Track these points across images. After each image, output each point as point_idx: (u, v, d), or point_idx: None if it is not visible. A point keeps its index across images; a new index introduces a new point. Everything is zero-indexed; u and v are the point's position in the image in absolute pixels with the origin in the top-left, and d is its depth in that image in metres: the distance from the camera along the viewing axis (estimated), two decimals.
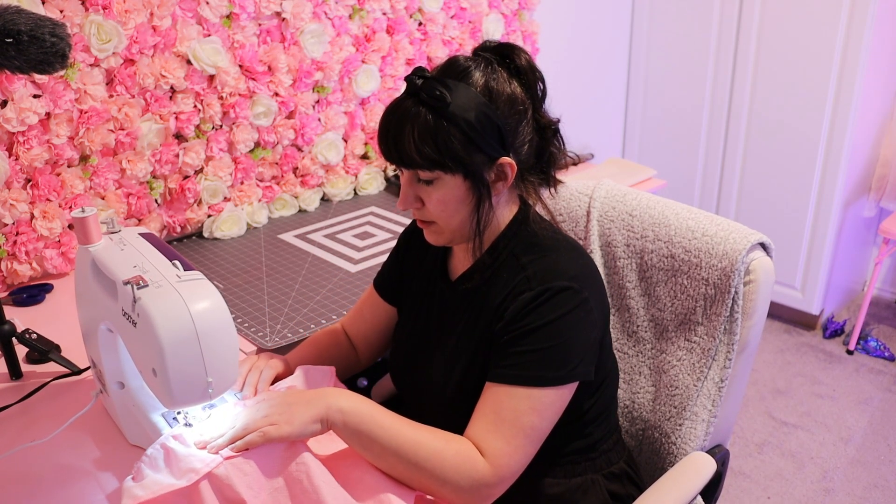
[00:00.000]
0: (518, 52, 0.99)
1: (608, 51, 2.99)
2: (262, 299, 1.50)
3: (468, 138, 0.93)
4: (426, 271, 1.16)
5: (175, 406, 0.89)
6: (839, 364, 2.70)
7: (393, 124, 0.95)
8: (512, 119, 0.97)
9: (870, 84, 2.53)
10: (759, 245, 1.13)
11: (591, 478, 1.09)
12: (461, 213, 0.99)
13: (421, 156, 0.94)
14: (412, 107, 0.93)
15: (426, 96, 0.92)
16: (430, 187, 0.97)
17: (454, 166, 0.94)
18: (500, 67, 0.98)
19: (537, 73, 1.01)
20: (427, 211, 1.00)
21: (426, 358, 1.10)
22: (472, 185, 0.97)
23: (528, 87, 0.99)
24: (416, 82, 0.94)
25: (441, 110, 0.92)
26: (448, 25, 2.18)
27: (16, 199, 1.48)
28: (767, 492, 2.13)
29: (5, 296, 1.51)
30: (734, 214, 2.95)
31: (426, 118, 0.92)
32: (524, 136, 1.00)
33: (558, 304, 0.95)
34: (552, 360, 0.94)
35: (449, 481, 0.91)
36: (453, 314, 1.08)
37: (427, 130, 0.92)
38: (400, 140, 0.94)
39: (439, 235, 1.04)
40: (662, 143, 3.11)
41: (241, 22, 1.74)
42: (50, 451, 1.05)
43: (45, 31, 1.01)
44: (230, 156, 1.82)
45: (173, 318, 0.84)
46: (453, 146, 0.93)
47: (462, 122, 0.92)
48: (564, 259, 1.00)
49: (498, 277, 1.02)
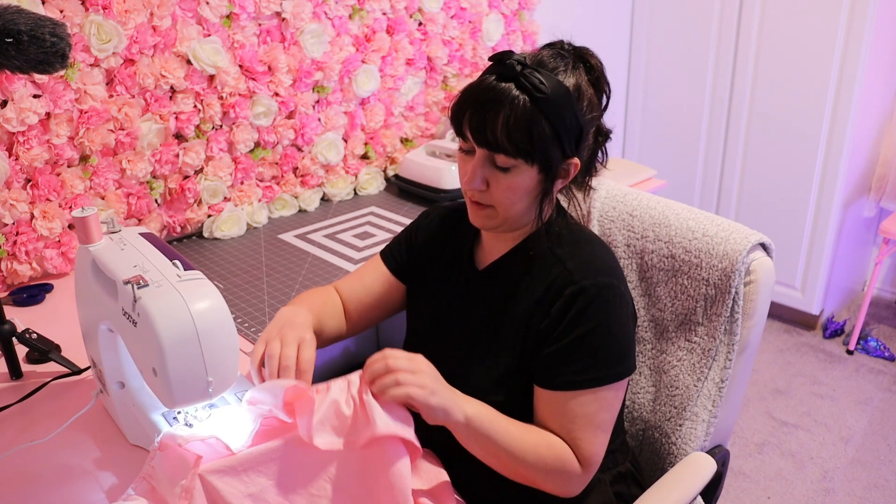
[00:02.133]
0: (595, 58, 1.02)
1: (608, 51, 2.98)
2: (262, 299, 1.50)
3: (556, 133, 0.95)
4: (448, 259, 1.15)
5: (175, 406, 0.89)
6: (839, 364, 2.70)
7: (488, 104, 0.94)
8: (588, 122, 0.99)
9: (870, 84, 2.53)
10: (759, 245, 1.13)
11: (598, 477, 1.09)
12: (523, 203, 1.00)
13: (510, 141, 0.94)
14: (511, 90, 0.93)
15: (528, 84, 0.92)
16: (503, 173, 0.97)
17: (537, 157, 0.95)
18: (583, 70, 0.99)
19: (607, 82, 1.03)
20: (490, 194, 1.00)
21: (448, 346, 1.10)
22: (543, 178, 0.98)
23: (600, 94, 1.02)
24: (517, 67, 0.93)
25: (540, 101, 0.92)
26: (448, 25, 2.18)
27: (16, 199, 1.48)
28: (767, 492, 2.13)
29: (5, 296, 1.50)
30: (734, 214, 2.95)
31: (525, 106, 0.92)
32: (590, 141, 1.02)
33: (606, 304, 0.98)
34: (611, 359, 0.98)
35: (550, 479, 0.98)
36: (480, 303, 1.08)
37: (524, 118, 0.93)
38: (493, 122, 0.94)
39: (492, 220, 1.03)
40: (662, 143, 3.11)
41: (241, 22, 1.74)
42: (50, 451, 1.04)
43: (45, 31, 1.01)
44: (230, 156, 1.82)
45: (173, 317, 0.84)
46: (543, 138, 0.94)
47: (556, 116, 0.94)
48: (599, 253, 1.03)
49: (532, 269, 1.03)
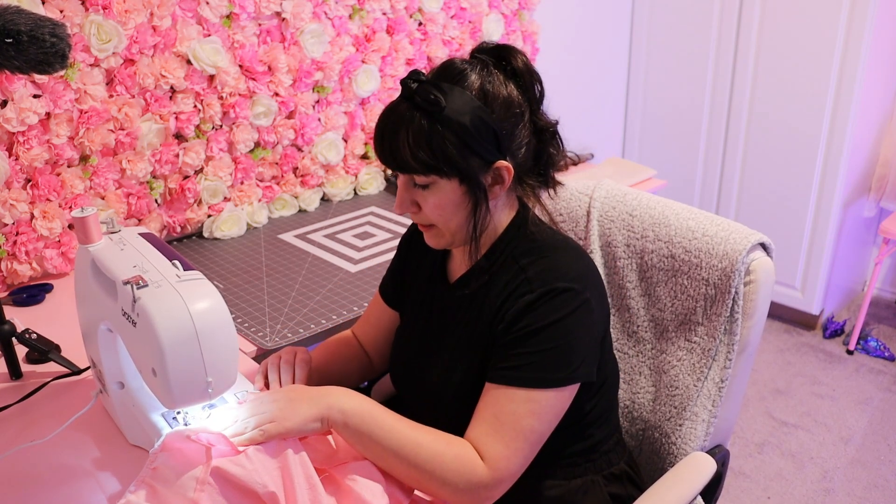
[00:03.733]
0: (515, 54, 0.98)
1: (608, 51, 2.99)
2: (262, 299, 1.50)
3: (463, 142, 0.92)
4: (426, 274, 1.16)
5: (175, 406, 0.89)
6: (839, 364, 2.70)
7: (388, 129, 0.95)
8: (508, 122, 0.96)
9: (870, 84, 2.53)
10: (759, 245, 1.13)
11: (592, 479, 1.08)
12: (458, 217, 0.99)
13: (416, 160, 0.93)
14: (407, 111, 0.93)
15: (421, 100, 0.92)
16: (426, 192, 0.97)
17: (449, 171, 0.94)
18: (496, 70, 0.97)
19: (535, 74, 1.00)
20: (424, 215, 1.00)
21: (425, 360, 1.10)
22: (468, 189, 0.96)
23: (525, 90, 0.98)
24: (412, 86, 0.93)
25: (435, 115, 0.91)
26: (448, 25, 2.18)
27: (16, 199, 1.48)
28: (767, 492, 2.13)
29: (5, 296, 1.50)
30: (734, 214, 2.95)
31: (421, 123, 0.92)
32: (521, 139, 0.99)
33: (560, 306, 0.95)
34: (553, 362, 0.94)
35: (448, 483, 0.91)
36: (452, 317, 1.08)
37: (422, 135, 0.92)
38: (395, 145, 0.94)
39: (439, 238, 1.03)
40: (662, 143, 3.11)
41: (241, 22, 1.74)
42: (50, 451, 1.05)
43: (45, 31, 1.01)
44: (230, 156, 1.82)
45: (173, 317, 0.84)
46: (448, 151, 0.92)
47: (457, 126, 0.92)
48: (564, 260, 1.00)
49: (497, 280, 1.02)
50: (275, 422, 0.89)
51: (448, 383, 1.04)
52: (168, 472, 0.86)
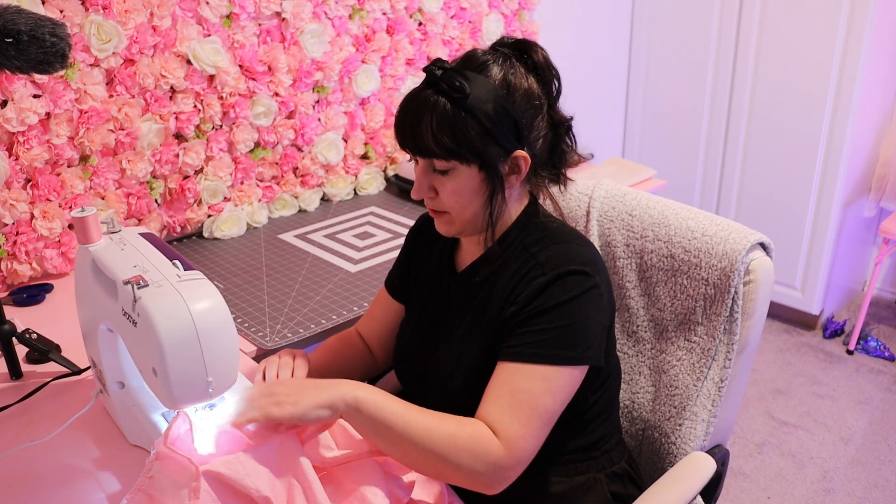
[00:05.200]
0: (535, 49, 1.01)
1: (608, 51, 2.99)
2: (262, 299, 1.50)
3: (485, 130, 0.94)
4: (433, 265, 1.16)
5: (175, 406, 0.89)
6: (839, 364, 2.70)
7: (411, 113, 0.96)
8: (528, 113, 0.98)
9: (870, 84, 2.53)
10: (758, 245, 1.13)
11: (594, 477, 1.09)
12: (474, 205, 1.00)
13: (438, 145, 0.95)
14: (431, 97, 0.95)
15: (446, 87, 0.93)
16: (444, 177, 0.99)
17: (470, 157, 0.96)
18: (517, 62, 0.99)
19: (553, 70, 1.02)
20: (440, 201, 1.01)
21: (431, 350, 1.10)
22: (486, 176, 0.98)
23: (544, 83, 1.01)
24: (436, 73, 0.95)
25: (460, 101, 0.93)
26: (448, 25, 2.18)
27: (16, 199, 1.48)
28: (767, 492, 2.13)
29: (5, 296, 1.51)
30: (734, 214, 2.95)
31: (445, 108, 0.94)
32: (539, 131, 1.01)
33: (572, 286, 0.96)
34: (567, 339, 0.95)
35: (464, 465, 0.90)
36: (460, 306, 1.08)
37: (445, 120, 0.94)
38: (417, 129, 0.95)
39: (451, 226, 1.04)
40: (662, 143, 3.11)
41: (241, 22, 1.74)
42: (50, 451, 1.05)
43: (45, 31, 1.01)
44: (230, 156, 1.82)
45: (173, 317, 0.84)
46: (470, 137, 0.94)
47: (480, 113, 0.94)
48: (574, 247, 1.02)
49: (506, 267, 1.03)
50: (280, 405, 0.89)
51: (456, 372, 1.05)
52: (164, 481, 0.86)
